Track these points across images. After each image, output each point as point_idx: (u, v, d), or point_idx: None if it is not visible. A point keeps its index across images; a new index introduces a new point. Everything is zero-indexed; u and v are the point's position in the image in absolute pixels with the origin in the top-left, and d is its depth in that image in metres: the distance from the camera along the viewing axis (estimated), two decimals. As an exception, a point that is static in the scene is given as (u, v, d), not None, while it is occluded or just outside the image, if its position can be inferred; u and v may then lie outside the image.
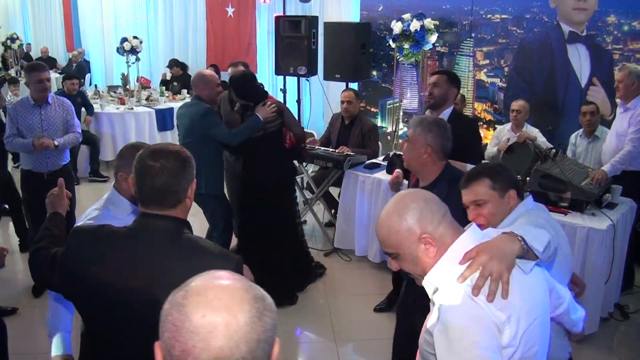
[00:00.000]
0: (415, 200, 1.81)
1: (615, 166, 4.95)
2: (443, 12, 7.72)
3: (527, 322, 1.69)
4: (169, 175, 1.92)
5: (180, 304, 1.15)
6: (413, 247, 1.78)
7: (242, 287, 1.19)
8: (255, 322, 1.14)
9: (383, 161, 6.04)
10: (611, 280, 4.61)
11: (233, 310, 1.13)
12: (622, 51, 6.37)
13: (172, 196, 1.94)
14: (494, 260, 1.68)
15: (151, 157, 1.94)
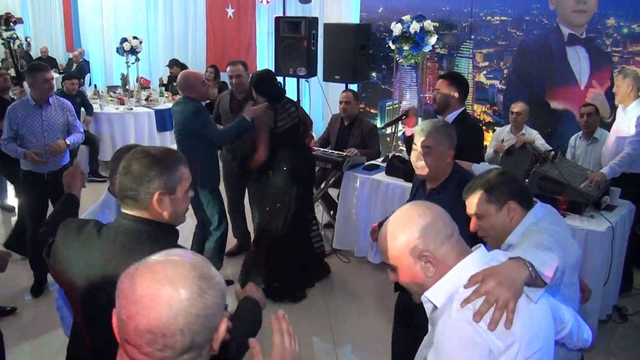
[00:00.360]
0: (422, 216, 1.76)
1: (615, 169, 4.96)
2: (443, 13, 7.73)
3: (527, 354, 1.65)
4: (129, 176, 1.96)
5: (131, 274, 1.26)
6: (412, 263, 1.74)
7: (190, 264, 1.28)
8: (195, 299, 1.23)
9: (382, 162, 6.04)
10: (610, 282, 4.62)
11: (176, 285, 1.22)
12: (622, 54, 6.38)
13: (131, 197, 1.97)
14: (502, 287, 1.63)
15: (126, 157, 2.01)
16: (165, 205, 1.98)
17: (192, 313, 1.22)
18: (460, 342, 1.61)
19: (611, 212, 4.71)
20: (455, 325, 1.62)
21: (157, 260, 1.29)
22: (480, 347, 1.59)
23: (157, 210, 1.97)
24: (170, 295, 1.21)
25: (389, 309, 4.94)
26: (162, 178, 1.96)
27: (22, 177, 5.23)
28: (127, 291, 1.24)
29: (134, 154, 2.00)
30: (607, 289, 4.64)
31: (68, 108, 5.28)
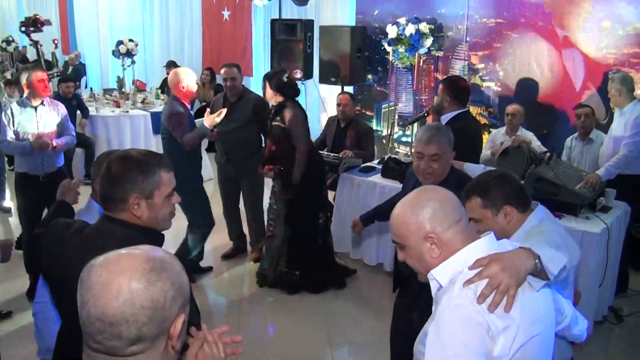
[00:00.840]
0: (432, 199, 1.83)
1: (610, 170, 4.98)
2: (438, 16, 7.73)
3: (525, 337, 1.69)
4: (107, 178, 1.98)
5: (92, 265, 1.31)
6: (419, 243, 1.81)
7: (144, 258, 1.31)
8: (142, 289, 1.25)
9: (378, 165, 6.05)
10: (605, 283, 4.63)
11: (125, 275, 1.26)
12: (616, 55, 6.39)
13: (109, 199, 1.99)
14: (505, 272, 1.68)
15: (108, 159, 2.02)
16: (141, 210, 1.97)
17: (136, 304, 1.25)
18: (460, 319, 1.65)
19: (606, 214, 4.72)
20: (456, 303, 1.67)
21: (118, 252, 1.33)
22: (480, 326, 1.64)
23: (134, 214, 1.96)
24: (120, 285, 1.24)
25: (386, 310, 4.94)
26: (138, 181, 1.95)
27: (17, 180, 5.22)
28: (84, 280, 1.29)
29: (115, 157, 2.01)
30: (602, 290, 4.65)
31: (62, 110, 5.28)
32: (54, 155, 5.21)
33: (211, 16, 11.42)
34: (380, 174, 5.77)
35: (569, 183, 4.69)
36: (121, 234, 1.94)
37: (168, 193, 2.02)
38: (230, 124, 5.53)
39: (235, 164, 5.67)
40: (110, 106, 9.63)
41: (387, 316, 3.82)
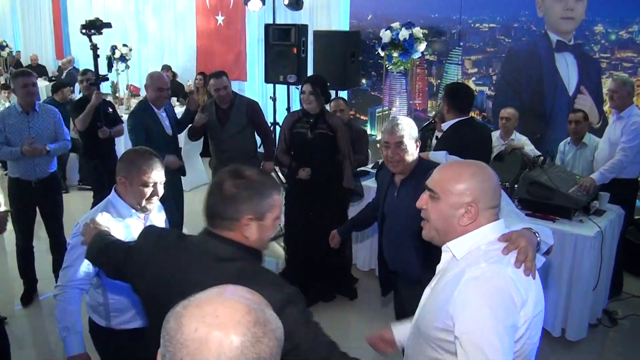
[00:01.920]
0: (492, 178, 1.93)
1: (605, 175, 4.98)
2: (432, 20, 7.76)
3: (534, 312, 1.82)
4: (220, 195, 1.91)
5: (178, 313, 1.13)
6: (455, 205, 1.89)
7: (245, 307, 1.14)
8: (247, 347, 1.09)
9: (372, 169, 6.05)
10: (599, 286, 4.65)
11: (227, 330, 1.09)
12: (610, 60, 6.43)
13: (219, 216, 1.92)
14: (530, 245, 1.85)
15: (220, 174, 1.96)
16: (252, 231, 1.91)
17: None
18: (490, 292, 1.74)
19: (600, 217, 4.74)
20: (486, 275, 1.77)
21: (208, 298, 1.16)
22: (511, 297, 1.74)
23: (243, 234, 1.91)
24: (221, 341, 1.07)
25: (380, 314, 4.96)
26: (253, 203, 1.90)
27: (10, 185, 5.20)
28: (173, 332, 1.11)
29: (229, 174, 1.94)
30: (596, 293, 4.67)
31: (55, 115, 5.26)
32: (46, 161, 5.19)
33: (205, 21, 11.41)
34: (374, 178, 5.75)
35: (563, 187, 4.70)
36: (224, 252, 1.91)
37: (277, 215, 1.97)
38: (228, 132, 5.53)
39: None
40: (105, 111, 9.58)
41: (380, 320, 3.82)
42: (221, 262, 1.88)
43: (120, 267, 2.20)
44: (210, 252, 1.91)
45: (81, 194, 8.47)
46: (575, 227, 4.55)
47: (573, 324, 4.55)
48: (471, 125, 4.47)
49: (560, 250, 4.48)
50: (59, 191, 5.46)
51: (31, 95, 5.07)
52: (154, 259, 2.02)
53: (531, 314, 1.79)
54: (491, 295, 1.72)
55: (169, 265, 1.97)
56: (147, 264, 2.03)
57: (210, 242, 1.93)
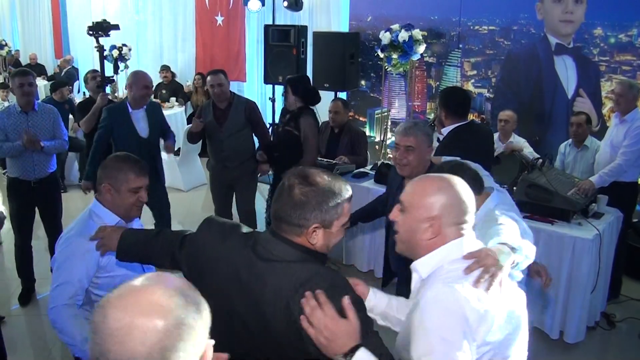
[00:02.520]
0: (459, 192, 1.89)
1: (604, 178, 4.98)
2: (431, 23, 7.77)
3: (506, 329, 1.80)
4: (289, 200, 1.88)
5: (102, 306, 1.16)
6: (419, 219, 1.88)
7: (167, 293, 1.19)
8: (171, 330, 1.14)
9: (371, 170, 6.06)
10: (597, 289, 4.65)
11: (150, 315, 1.13)
12: (609, 63, 6.44)
13: (285, 221, 1.90)
14: (495, 262, 1.84)
15: (290, 177, 1.93)
16: (317, 238, 1.89)
17: (167, 346, 1.14)
18: (443, 311, 1.72)
19: (599, 220, 4.74)
20: (439, 297, 1.75)
21: (132, 288, 1.20)
22: (462, 318, 1.71)
23: (309, 240, 1.90)
24: (145, 327, 1.12)
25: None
26: (321, 212, 1.87)
27: (9, 184, 5.19)
28: (99, 324, 1.14)
29: (299, 177, 1.90)
30: (595, 296, 4.67)
31: (54, 115, 5.25)
32: (45, 161, 5.18)
33: (204, 21, 11.42)
34: (373, 180, 5.77)
35: (562, 189, 4.71)
36: (290, 255, 1.89)
37: (344, 222, 1.94)
38: (226, 131, 5.52)
39: (232, 170, 5.64)
40: (103, 110, 9.58)
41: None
42: (288, 265, 1.87)
43: (174, 253, 2.20)
44: (276, 252, 1.90)
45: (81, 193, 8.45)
46: (574, 229, 4.55)
47: (571, 327, 4.55)
48: (471, 131, 4.42)
49: (558, 253, 4.48)
50: (58, 191, 5.45)
51: (27, 95, 5.04)
52: (217, 253, 2.02)
53: (499, 329, 1.77)
54: (441, 318, 1.71)
55: (234, 258, 1.97)
56: (206, 252, 2.04)
57: (276, 243, 1.92)
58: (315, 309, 1.72)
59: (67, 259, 2.69)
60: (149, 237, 2.36)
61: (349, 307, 1.72)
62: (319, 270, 1.86)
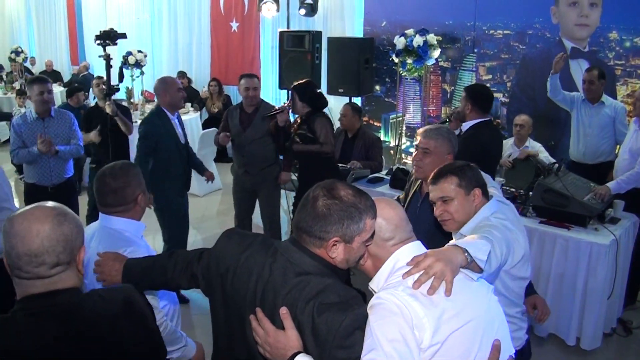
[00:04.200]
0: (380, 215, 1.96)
1: (621, 185, 4.93)
2: (446, 27, 7.76)
3: (456, 324, 1.79)
4: (311, 212, 1.90)
5: (10, 218, 1.75)
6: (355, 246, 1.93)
7: (53, 208, 1.80)
8: (55, 229, 1.74)
9: (386, 175, 6.05)
10: (614, 295, 4.61)
11: (41, 221, 1.74)
12: (624, 67, 6.40)
13: (306, 232, 1.91)
14: (439, 262, 1.83)
15: (316, 189, 1.95)
16: (337, 252, 1.90)
17: (53, 238, 1.73)
18: (382, 313, 1.75)
19: (615, 225, 4.71)
20: (377, 301, 1.79)
21: (26, 208, 1.79)
22: (395, 322, 1.73)
23: (328, 254, 1.91)
24: (38, 228, 1.72)
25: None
26: (343, 226, 1.87)
27: (26, 190, 5.24)
28: (8, 232, 1.73)
29: (325, 189, 1.92)
30: (611, 302, 4.63)
31: (70, 120, 5.30)
32: (62, 166, 5.23)
33: (219, 27, 11.47)
34: (388, 185, 5.77)
35: (578, 194, 4.68)
36: (308, 265, 1.91)
37: (365, 238, 1.92)
38: (249, 137, 5.53)
39: (254, 176, 5.65)
40: (119, 116, 9.64)
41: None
42: (304, 275, 1.88)
43: (192, 269, 2.21)
44: (295, 262, 1.91)
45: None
46: (590, 235, 4.53)
47: (588, 333, 4.51)
48: (490, 127, 4.55)
49: (574, 259, 4.46)
50: (75, 196, 5.50)
51: (47, 102, 5.11)
52: (236, 262, 2.03)
53: (448, 328, 1.76)
54: (377, 322, 1.73)
55: (252, 267, 1.98)
56: (226, 262, 2.06)
57: (295, 251, 1.93)
58: (257, 326, 1.88)
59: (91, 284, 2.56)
60: (161, 261, 2.32)
61: (286, 317, 1.81)
62: (331, 284, 1.86)
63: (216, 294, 2.09)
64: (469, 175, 2.65)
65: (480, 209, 2.65)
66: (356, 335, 1.75)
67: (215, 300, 2.11)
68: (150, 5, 13.00)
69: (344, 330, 1.74)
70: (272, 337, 1.82)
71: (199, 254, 2.21)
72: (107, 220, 2.62)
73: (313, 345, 1.78)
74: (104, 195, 2.61)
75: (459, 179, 2.63)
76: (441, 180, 2.65)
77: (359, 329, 1.77)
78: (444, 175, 2.65)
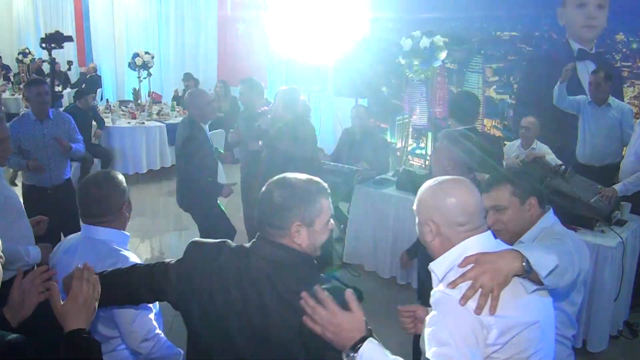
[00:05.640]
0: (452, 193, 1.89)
1: (628, 187, 4.92)
2: (452, 29, 7.75)
3: (519, 328, 1.75)
4: (269, 204, 1.96)
5: None
6: (422, 221, 1.93)
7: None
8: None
9: (392, 177, 6.06)
10: (620, 298, 4.61)
11: None
12: (631, 68, 6.39)
13: (269, 225, 1.97)
14: (485, 275, 1.75)
15: (269, 185, 2.01)
16: (302, 237, 1.95)
17: None
18: (456, 310, 1.72)
19: (622, 227, 4.69)
20: (446, 304, 1.76)
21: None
22: (473, 319, 1.71)
23: (294, 241, 1.96)
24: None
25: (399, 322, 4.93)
26: (300, 210, 1.94)
27: (25, 192, 5.21)
28: None
29: (275, 183, 1.99)
30: (618, 305, 4.63)
31: (69, 122, 5.32)
32: (61, 167, 5.25)
33: (226, 29, 11.50)
34: (395, 186, 5.77)
35: (584, 196, 4.67)
36: (282, 257, 1.96)
37: (326, 220, 2.00)
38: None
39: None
40: (126, 117, 9.71)
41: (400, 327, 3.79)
42: (282, 267, 1.94)
43: (158, 283, 2.16)
44: (268, 257, 1.96)
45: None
46: (597, 237, 4.52)
47: (594, 336, 4.51)
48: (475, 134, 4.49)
49: (581, 261, 4.45)
50: (74, 196, 5.49)
51: (43, 103, 5.09)
52: (210, 270, 2.03)
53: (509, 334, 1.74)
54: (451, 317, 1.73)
55: (227, 273, 2.00)
56: (200, 273, 2.05)
57: (266, 248, 1.98)
58: (316, 307, 1.75)
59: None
60: (120, 275, 2.25)
61: (352, 299, 1.77)
62: (309, 274, 1.95)
63: (192, 308, 2.09)
64: (524, 183, 2.52)
65: (541, 218, 2.52)
66: None
67: (191, 313, 2.10)
68: (157, 6, 13.04)
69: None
70: (339, 318, 1.72)
71: (164, 269, 2.17)
72: (91, 231, 2.59)
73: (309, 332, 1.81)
74: (88, 205, 2.59)
75: (514, 187, 2.49)
76: (494, 187, 2.52)
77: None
78: (498, 183, 2.52)
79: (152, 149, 9.22)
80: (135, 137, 9.13)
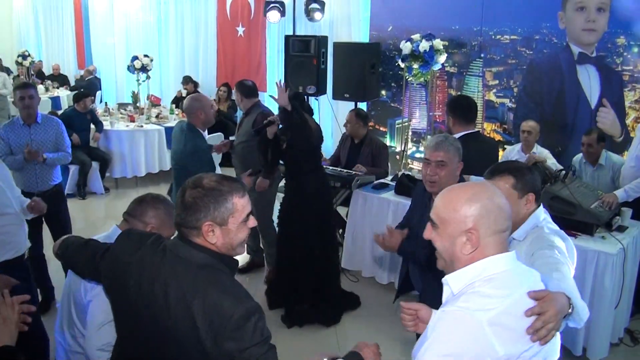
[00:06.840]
0: (492, 198, 1.81)
1: (629, 193, 4.90)
2: (452, 32, 7.73)
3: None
4: (182, 205, 2.01)
5: None
6: (456, 233, 1.80)
7: None
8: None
9: (391, 181, 6.02)
10: (621, 305, 4.56)
11: None
12: (632, 72, 6.35)
13: (184, 225, 2.02)
14: (557, 316, 1.76)
15: (183, 185, 2.05)
16: (215, 236, 1.99)
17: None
18: (463, 331, 1.68)
19: (622, 233, 4.65)
20: (456, 316, 1.71)
21: None
22: (484, 338, 1.66)
23: (208, 241, 1.99)
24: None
25: (397, 329, 4.90)
26: (210, 210, 1.97)
27: None
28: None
29: (189, 183, 2.03)
30: (618, 312, 4.58)
31: (57, 126, 5.28)
32: (48, 173, 5.21)
33: (226, 32, 11.49)
34: (393, 191, 5.73)
35: (585, 202, 4.64)
36: (195, 257, 2.00)
37: (243, 218, 2.03)
38: (238, 138, 5.62)
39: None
40: (125, 121, 9.68)
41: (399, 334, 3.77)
42: (192, 268, 1.98)
43: (97, 265, 2.28)
44: (183, 256, 2.01)
45: (101, 202, 8.52)
46: (598, 243, 4.48)
47: (594, 343, 4.47)
48: (477, 139, 4.49)
49: (581, 268, 4.40)
50: (63, 202, 5.45)
51: (28, 107, 5.05)
52: (131, 260, 2.10)
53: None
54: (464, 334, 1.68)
55: (143, 265, 2.06)
56: (121, 264, 2.12)
57: (182, 247, 2.03)
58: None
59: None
60: (79, 245, 2.48)
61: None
62: (220, 277, 1.99)
63: (115, 294, 2.19)
64: (526, 178, 2.55)
65: (533, 214, 2.57)
66: (246, 327, 1.87)
67: (115, 299, 2.20)
68: (157, 9, 13.05)
69: (235, 323, 1.86)
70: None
71: (103, 251, 2.28)
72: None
73: (205, 335, 1.87)
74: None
75: (516, 181, 2.53)
76: (497, 177, 2.55)
77: (249, 322, 1.88)
78: (501, 173, 2.56)
79: (151, 152, 9.19)
80: (134, 140, 9.10)
